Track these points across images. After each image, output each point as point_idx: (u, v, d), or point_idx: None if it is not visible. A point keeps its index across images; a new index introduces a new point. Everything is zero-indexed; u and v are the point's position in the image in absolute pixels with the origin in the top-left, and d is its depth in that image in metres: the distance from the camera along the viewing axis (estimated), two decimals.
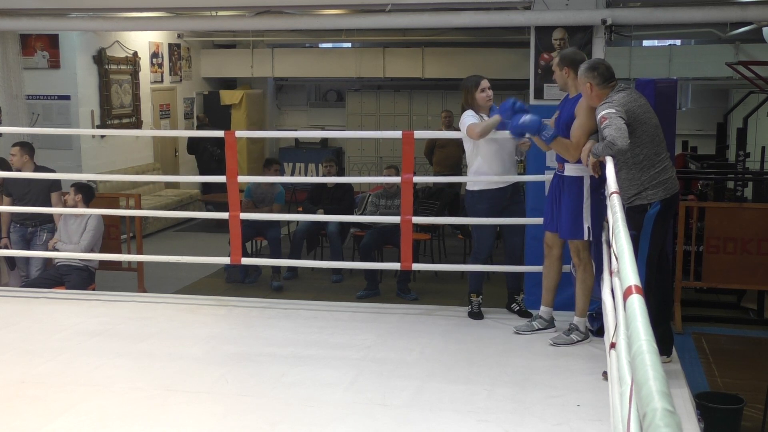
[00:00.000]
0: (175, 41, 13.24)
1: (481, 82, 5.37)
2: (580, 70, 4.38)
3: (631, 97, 4.17)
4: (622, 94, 4.17)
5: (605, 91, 4.24)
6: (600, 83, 4.25)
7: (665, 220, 4.23)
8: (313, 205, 8.75)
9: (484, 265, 5.54)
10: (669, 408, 1.31)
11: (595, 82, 4.25)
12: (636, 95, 4.23)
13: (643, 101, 4.24)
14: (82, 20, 7.93)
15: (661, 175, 4.16)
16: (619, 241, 2.52)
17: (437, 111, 13.87)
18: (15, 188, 7.08)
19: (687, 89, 13.89)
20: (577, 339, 4.72)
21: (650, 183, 4.14)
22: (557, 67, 4.65)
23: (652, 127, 4.18)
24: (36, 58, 10.20)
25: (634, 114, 4.11)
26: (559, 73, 4.63)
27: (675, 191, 4.24)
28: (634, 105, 4.14)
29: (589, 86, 4.27)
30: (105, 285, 7.10)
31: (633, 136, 4.07)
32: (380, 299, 7.58)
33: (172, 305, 5.81)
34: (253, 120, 14.17)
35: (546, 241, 4.88)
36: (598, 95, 4.25)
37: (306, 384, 4.14)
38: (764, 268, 6.94)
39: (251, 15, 7.61)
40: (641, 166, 4.14)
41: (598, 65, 4.33)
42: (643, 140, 4.13)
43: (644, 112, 4.18)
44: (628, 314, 1.85)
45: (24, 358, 4.56)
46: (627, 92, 4.21)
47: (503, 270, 5.56)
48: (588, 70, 4.31)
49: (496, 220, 5.35)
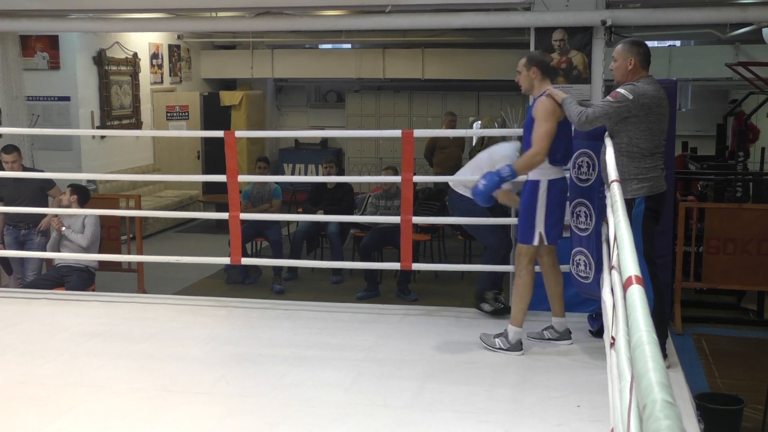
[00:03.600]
0: (175, 42, 13.25)
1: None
2: (624, 46, 4.27)
3: (653, 92, 4.16)
4: (650, 88, 4.16)
5: (643, 73, 4.23)
6: (642, 61, 4.23)
7: (653, 221, 4.22)
8: (313, 206, 8.75)
9: (474, 265, 5.51)
10: (669, 399, 1.30)
11: (639, 59, 4.22)
12: (660, 93, 4.20)
13: (664, 102, 4.23)
14: (82, 21, 7.94)
15: (650, 172, 4.17)
16: (619, 231, 2.47)
17: (437, 112, 13.89)
18: (6, 190, 7.05)
19: (687, 90, 13.90)
20: (501, 346, 4.59)
21: (637, 175, 4.15)
22: (524, 67, 4.51)
23: (657, 125, 4.18)
24: (36, 59, 10.21)
25: (649, 109, 4.13)
26: (526, 73, 4.50)
27: (660, 192, 4.24)
28: (653, 102, 4.13)
29: (632, 61, 4.21)
30: (105, 286, 7.10)
31: (638, 127, 4.11)
32: (380, 300, 7.58)
33: (172, 306, 5.81)
34: (253, 121, 14.17)
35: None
36: (634, 73, 4.22)
37: (306, 385, 4.14)
38: (764, 268, 6.94)
39: (251, 16, 7.62)
40: (633, 155, 4.17)
41: (643, 44, 4.30)
42: (644, 135, 4.15)
43: (658, 110, 4.17)
44: (628, 305, 1.82)
45: (24, 359, 4.56)
46: (654, 88, 4.18)
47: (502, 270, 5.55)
48: (633, 45, 4.27)
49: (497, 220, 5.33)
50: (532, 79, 4.49)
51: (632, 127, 4.14)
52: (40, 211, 6.84)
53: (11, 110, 7.84)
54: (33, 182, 6.97)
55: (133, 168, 11.73)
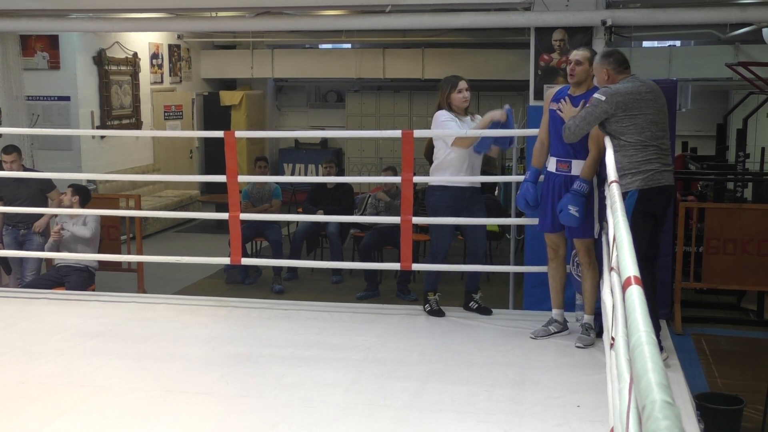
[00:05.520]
0: (175, 42, 13.24)
1: (458, 83, 5.30)
2: (596, 58, 4.49)
3: (627, 89, 4.27)
4: (626, 86, 4.29)
5: (622, 76, 4.38)
6: (616, 68, 4.38)
7: (645, 216, 4.23)
8: (312, 206, 8.75)
9: (478, 265, 5.52)
10: (668, 400, 1.30)
11: (611, 68, 4.38)
12: (640, 88, 4.31)
13: (647, 96, 4.31)
14: (82, 21, 7.94)
15: (643, 165, 4.22)
16: (618, 231, 2.47)
17: None
18: (5, 191, 7.05)
19: (687, 90, 13.89)
20: (588, 340, 4.71)
21: (630, 170, 4.22)
22: (587, 61, 4.61)
23: (642, 118, 4.26)
24: (36, 59, 10.20)
25: (626, 105, 4.24)
26: (587, 67, 4.61)
27: (657, 185, 4.26)
28: (628, 98, 4.24)
29: (606, 72, 4.38)
30: (105, 286, 7.10)
31: (621, 123, 4.25)
32: (380, 300, 7.58)
33: (172, 306, 5.81)
34: (253, 121, 14.18)
35: (551, 243, 4.85)
36: (613, 80, 4.38)
37: (306, 385, 4.14)
38: (764, 268, 6.93)
39: (251, 16, 7.62)
40: (625, 151, 4.25)
41: (613, 53, 4.47)
42: (629, 129, 4.26)
43: (639, 105, 4.26)
44: (627, 305, 1.82)
45: (24, 359, 4.56)
46: (631, 85, 4.31)
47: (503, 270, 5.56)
48: (604, 57, 4.46)
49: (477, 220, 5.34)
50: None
51: (616, 125, 4.28)
52: (39, 211, 6.84)
53: (11, 110, 7.84)
54: (32, 183, 6.96)
55: (133, 168, 11.72)
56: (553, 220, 4.74)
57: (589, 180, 4.55)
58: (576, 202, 4.51)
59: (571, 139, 4.46)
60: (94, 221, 6.78)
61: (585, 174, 4.55)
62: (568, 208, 4.52)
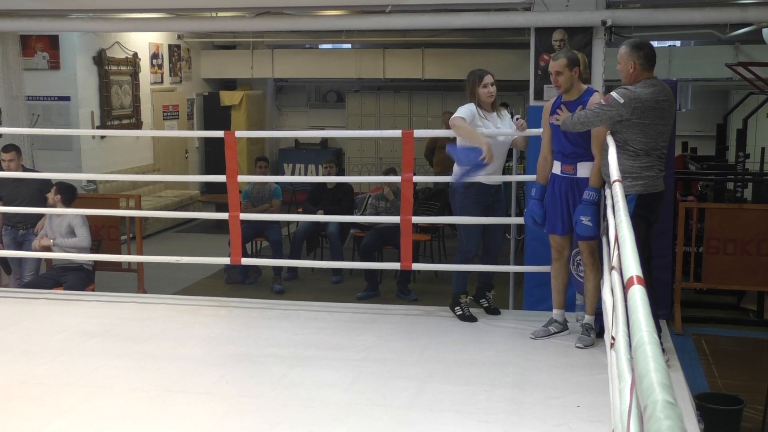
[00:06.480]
0: (175, 42, 13.25)
1: (484, 77, 5.19)
2: (626, 48, 4.25)
3: (647, 95, 4.16)
4: (646, 91, 4.15)
5: (646, 74, 4.22)
6: (643, 64, 4.22)
7: (642, 219, 4.23)
8: (312, 206, 8.75)
9: (471, 265, 5.50)
10: (670, 400, 1.30)
11: (639, 62, 4.22)
12: (659, 96, 4.20)
13: (664, 105, 4.22)
14: (83, 21, 7.94)
15: (644, 171, 4.21)
16: (621, 231, 2.47)
17: (437, 112, 13.87)
18: (5, 191, 7.03)
19: (687, 90, 13.89)
20: (588, 341, 4.71)
21: (631, 173, 4.19)
22: (566, 68, 4.56)
23: (653, 127, 4.19)
24: (36, 59, 10.21)
25: (642, 113, 4.14)
26: (569, 74, 4.57)
27: (655, 191, 4.25)
28: (647, 105, 4.14)
29: (633, 65, 4.22)
30: (105, 286, 7.10)
31: (631, 130, 4.16)
32: (380, 300, 7.58)
33: (172, 306, 5.81)
34: (253, 121, 14.18)
35: (556, 245, 4.85)
36: (636, 76, 4.22)
37: (306, 385, 4.14)
38: (764, 269, 6.93)
39: (251, 16, 7.62)
40: (629, 154, 4.21)
41: (645, 46, 4.27)
42: (638, 136, 4.19)
43: (654, 115, 4.18)
44: (629, 305, 1.82)
45: (24, 359, 4.56)
46: (652, 91, 4.17)
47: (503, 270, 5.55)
48: (634, 48, 4.24)
49: (487, 219, 5.31)
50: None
51: (625, 129, 4.19)
52: (38, 211, 6.82)
53: (11, 110, 7.83)
54: (32, 183, 6.95)
55: (133, 168, 11.72)
56: (560, 223, 4.74)
57: (597, 188, 4.54)
58: (587, 212, 4.53)
59: (577, 128, 4.37)
60: (81, 226, 6.61)
61: (593, 182, 4.55)
62: (581, 219, 4.55)
